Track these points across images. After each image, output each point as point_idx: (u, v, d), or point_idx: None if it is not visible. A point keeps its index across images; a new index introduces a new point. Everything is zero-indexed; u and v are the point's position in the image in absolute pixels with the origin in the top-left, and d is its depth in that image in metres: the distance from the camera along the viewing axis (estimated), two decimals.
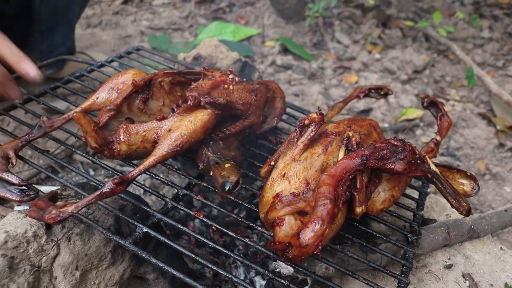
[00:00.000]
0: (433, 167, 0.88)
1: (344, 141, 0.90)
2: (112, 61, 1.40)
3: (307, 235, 0.71)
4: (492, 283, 1.03)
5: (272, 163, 0.92)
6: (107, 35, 2.71)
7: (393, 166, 0.82)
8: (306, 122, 0.91)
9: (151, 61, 1.46)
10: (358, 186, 0.85)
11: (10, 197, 0.85)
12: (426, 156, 0.88)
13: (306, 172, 0.86)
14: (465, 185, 0.96)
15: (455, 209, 0.90)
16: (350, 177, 0.80)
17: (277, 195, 0.84)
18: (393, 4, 3.17)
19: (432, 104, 1.13)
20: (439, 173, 0.89)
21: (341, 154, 0.88)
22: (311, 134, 0.90)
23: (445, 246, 1.09)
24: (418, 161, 0.85)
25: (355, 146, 0.89)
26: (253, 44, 2.71)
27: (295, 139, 0.91)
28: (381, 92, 1.23)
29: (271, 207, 0.82)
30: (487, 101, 2.29)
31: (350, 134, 0.90)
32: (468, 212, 0.89)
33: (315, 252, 0.72)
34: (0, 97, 1.84)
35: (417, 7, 3.16)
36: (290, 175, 0.86)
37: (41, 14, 1.80)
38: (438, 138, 1.07)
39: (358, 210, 0.85)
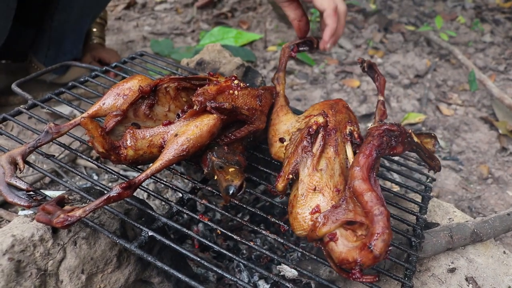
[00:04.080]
0: (416, 139, 0.98)
1: (348, 137, 0.94)
2: (115, 66, 1.41)
3: (379, 246, 0.72)
4: (496, 286, 1.03)
5: (291, 176, 0.91)
6: (110, 41, 2.73)
7: (395, 150, 0.90)
8: (314, 127, 0.92)
9: (154, 67, 1.47)
10: None
11: (19, 203, 0.85)
12: (411, 132, 0.96)
13: (333, 180, 0.86)
14: (428, 143, 1.11)
15: (431, 169, 1.08)
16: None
17: (315, 211, 0.83)
18: (395, 9, 3.18)
19: (369, 67, 1.21)
20: (420, 142, 0.99)
21: (349, 150, 0.91)
22: (323, 140, 0.91)
23: (448, 250, 1.09)
24: (409, 139, 0.93)
25: (358, 139, 0.93)
26: (256, 49, 2.72)
27: (309, 148, 0.91)
28: (313, 44, 1.26)
29: (315, 224, 0.81)
30: (489, 105, 2.30)
31: (351, 128, 0.95)
32: (439, 168, 1.09)
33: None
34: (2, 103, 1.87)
35: (419, 12, 3.17)
36: (321, 187, 0.85)
37: (54, 21, 1.81)
38: (381, 98, 1.15)
39: None
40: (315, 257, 0.89)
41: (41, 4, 1.80)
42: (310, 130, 0.92)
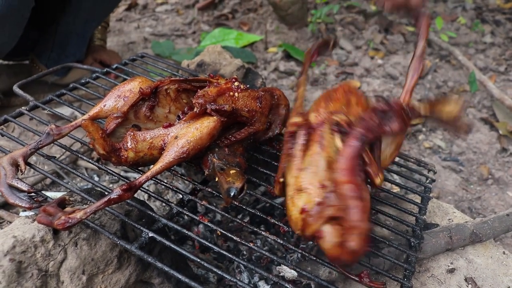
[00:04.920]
0: (422, 111, 0.89)
1: (335, 128, 0.88)
2: (116, 68, 1.42)
3: (354, 242, 0.71)
4: (495, 287, 1.04)
5: (281, 179, 0.90)
6: (111, 42, 2.73)
7: (390, 130, 0.83)
8: (293, 129, 0.90)
9: (155, 68, 1.48)
10: (367, 161, 0.85)
11: (20, 204, 0.86)
12: (413, 103, 0.89)
13: (317, 177, 0.83)
14: (451, 105, 0.93)
15: (457, 135, 0.91)
16: (359, 160, 0.80)
17: (303, 210, 0.82)
18: None
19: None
20: (428, 112, 0.90)
21: (338, 142, 0.87)
22: (303, 139, 0.89)
23: (448, 250, 1.10)
24: (409, 112, 0.86)
25: (347, 127, 0.88)
26: (256, 51, 2.73)
27: (291, 150, 0.89)
28: (329, 46, 1.23)
29: (304, 223, 0.81)
30: (489, 106, 2.30)
31: (337, 118, 0.89)
32: (470, 129, 0.94)
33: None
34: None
35: None
36: (305, 186, 0.83)
37: (60, 25, 1.81)
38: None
39: (378, 180, 0.85)
40: (314, 258, 0.90)
41: (52, 9, 1.81)
42: (289, 132, 0.90)
